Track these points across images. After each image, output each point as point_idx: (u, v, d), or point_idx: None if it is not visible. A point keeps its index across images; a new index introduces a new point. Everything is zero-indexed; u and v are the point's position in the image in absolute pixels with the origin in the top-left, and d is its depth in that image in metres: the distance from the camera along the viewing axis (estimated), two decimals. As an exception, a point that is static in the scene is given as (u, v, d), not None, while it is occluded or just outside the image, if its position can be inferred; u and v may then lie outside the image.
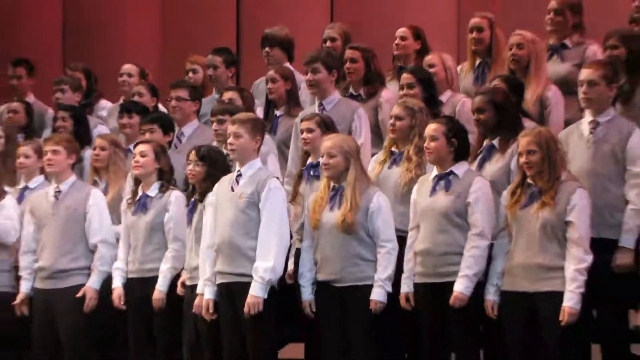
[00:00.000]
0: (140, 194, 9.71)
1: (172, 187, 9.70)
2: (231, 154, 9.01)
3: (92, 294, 9.74)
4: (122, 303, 9.60)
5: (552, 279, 7.92)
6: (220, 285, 8.81)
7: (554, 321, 7.84)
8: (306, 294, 8.81)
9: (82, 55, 14.50)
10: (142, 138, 10.23)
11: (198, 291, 9.03)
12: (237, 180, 8.88)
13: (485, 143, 8.76)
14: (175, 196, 9.49)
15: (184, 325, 9.29)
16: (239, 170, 8.93)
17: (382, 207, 8.61)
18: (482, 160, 8.72)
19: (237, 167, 9.01)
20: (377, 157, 9.27)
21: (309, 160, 9.21)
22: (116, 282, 9.73)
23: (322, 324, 8.81)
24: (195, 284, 9.05)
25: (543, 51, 9.86)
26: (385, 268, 8.54)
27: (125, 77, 12.26)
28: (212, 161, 9.20)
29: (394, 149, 9.06)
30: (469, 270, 8.23)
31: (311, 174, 9.16)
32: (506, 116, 8.63)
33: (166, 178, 9.66)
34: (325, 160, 8.58)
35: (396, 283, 8.72)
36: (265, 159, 9.51)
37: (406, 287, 8.51)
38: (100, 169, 10.42)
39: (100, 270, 9.82)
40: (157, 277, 9.45)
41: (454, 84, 10.15)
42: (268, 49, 11.38)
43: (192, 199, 9.31)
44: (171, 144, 10.52)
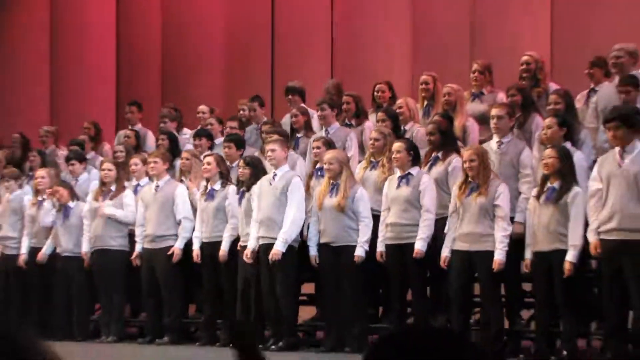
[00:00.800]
0: (209, 188, 10.11)
1: (229, 183, 10.12)
2: (270, 161, 9.61)
3: (178, 252, 10.24)
4: (199, 259, 10.07)
5: (486, 242, 8.48)
6: (262, 245, 9.38)
7: (488, 268, 8.37)
8: (312, 251, 9.40)
9: (174, 96, 14.09)
10: (209, 152, 10.62)
11: (248, 246, 9.47)
12: (274, 178, 9.45)
13: (433, 155, 9.25)
14: (232, 189, 9.96)
15: (239, 273, 9.75)
16: (274, 172, 9.50)
17: (363, 196, 9.20)
18: (431, 166, 9.21)
19: (274, 170, 9.52)
20: (361, 165, 9.80)
21: (317, 165, 9.68)
22: (195, 245, 10.14)
23: (322, 270, 9.38)
24: (246, 245, 9.49)
25: (464, 97, 10.01)
26: (364, 234, 9.19)
27: (200, 114, 12.23)
28: (254, 165, 9.76)
29: (372, 159, 9.59)
30: (423, 234, 8.83)
31: (318, 174, 9.67)
32: (447, 138, 9.12)
33: (225, 177, 10.10)
34: (327, 166, 9.19)
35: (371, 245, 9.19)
36: (295, 163, 9.97)
37: (381, 247, 9.05)
38: (185, 172, 10.71)
39: (183, 236, 10.31)
40: (221, 241, 9.87)
41: (416, 118, 10.19)
42: (290, 96, 11.32)
43: (241, 190, 9.82)
44: (242, 156, 10.52)
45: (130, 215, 10.71)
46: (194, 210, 10.53)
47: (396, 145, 9.09)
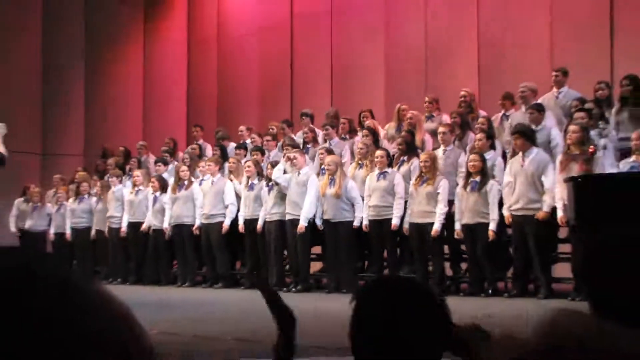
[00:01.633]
0: (249, 182, 10.06)
1: (262, 178, 9.94)
2: (293, 165, 9.57)
3: (226, 226, 10.24)
4: (243, 230, 10.07)
5: (431, 217, 8.55)
6: (289, 220, 9.48)
7: (429, 234, 8.50)
8: (319, 224, 9.41)
9: (223, 119, 13.97)
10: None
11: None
12: (298, 175, 9.47)
13: (401, 158, 9.28)
14: (264, 182, 9.90)
15: (267, 240, 9.78)
16: (299, 171, 9.50)
17: (353, 187, 9.25)
18: (399, 166, 9.21)
19: (298, 170, 9.49)
20: (353, 165, 9.74)
21: (322, 166, 9.58)
22: (240, 221, 10.13)
23: (327, 238, 9.41)
24: (273, 219, 9.65)
25: (422, 119, 9.87)
26: (357, 212, 9.21)
27: (240, 132, 11.88)
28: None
29: (360, 162, 9.57)
30: (397, 213, 8.88)
31: (322, 172, 9.52)
32: (410, 148, 9.21)
33: (260, 174, 10.00)
34: (327, 167, 9.31)
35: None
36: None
37: (366, 222, 9.09)
38: (232, 171, 10.60)
39: (229, 216, 10.26)
40: (258, 219, 9.87)
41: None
42: (303, 119, 11.03)
43: (270, 184, 9.74)
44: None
45: (199, 203, 10.67)
46: (237, 199, 10.39)
47: (378, 153, 9.17)
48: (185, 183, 10.86)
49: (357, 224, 9.25)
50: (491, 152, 8.75)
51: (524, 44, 11.18)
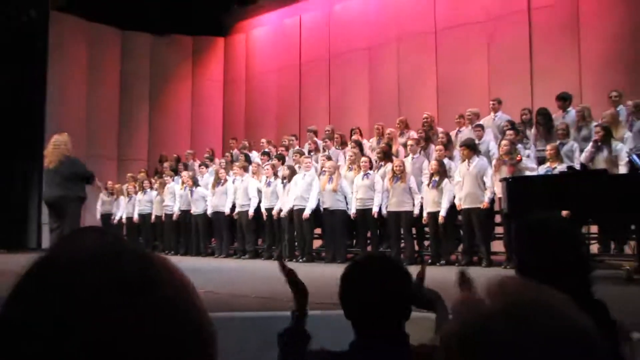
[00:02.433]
0: (268, 181, 9.98)
1: (278, 178, 9.80)
2: (304, 168, 9.54)
3: (251, 213, 10.10)
4: (265, 217, 9.93)
5: (403, 206, 8.49)
6: (296, 209, 9.37)
7: (406, 219, 8.44)
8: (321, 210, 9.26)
9: (251, 132, 13.73)
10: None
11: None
12: (304, 177, 9.41)
13: (380, 163, 9.08)
14: (279, 180, 9.80)
15: (282, 224, 9.65)
16: (305, 173, 9.45)
17: (346, 185, 9.09)
18: (378, 169, 9.05)
19: (305, 172, 9.46)
20: (345, 169, 9.48)
21: (322, 168, 9.41)
22: (262, 209, 9.98)
23: (326, 222, 9.23)
24: (286, 208, 9.51)
25: (396, 135, 9.83)
26: (349, 203, 9.05)
27: (261, 143, 11.69)
28: (292, 170, 9.71)
29: (350, 166, 9.38)
30: (377, 204, 8.75)
31: (323, 173, 9.31)
32: (387, 156, 9.06)
33: (276, 175, 9.91)
34: (327, 169, 9.20)
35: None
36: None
37: (353, 210, 8.94)
38: (255, 173, 10.45)
39: (252, 205, 10.14)
40: (273, 207, 9.72)
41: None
42: (309, 133, 10.94)
43: (284, 181, 9.65)
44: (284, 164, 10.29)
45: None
46: (259, 193, 10.22)
47: (363, 159, 9.08)
48: (222, 181, 10.77)
49: (350, 212, 9.11)
50: (446, 159, 8.64)
51: (469, 80, 11.14)
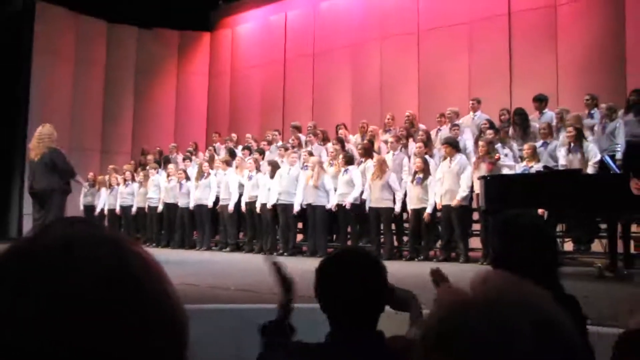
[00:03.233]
0: (251, 175, 9.88)
1: (261, 172, 9.73)
2: (289, 163, 9.47)
3: (231, 207, 10.05)
4: (244, 210, 9.80)
5: (384, 202, 8.38)
6: (281, 204, 9.30)
7: (386, 215, 8.41)
8: (299, 207, 9.19)
9: (235, 127, 13.46)
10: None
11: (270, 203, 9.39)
12: (289, 172, 9.36)
13: (362, 159, 9.02)
14: (261, 174, 9.73)
15: (262, 218, 9.59)
16: (290, 167, 9.39)
17: (328, 180, 8.99)
18: (359, 165, 8.96)
19: (290, 166, 9.39)
20: (326, 164, 9.32)
21: (304, 163, 9.36)
22: (242, 203, 9.86)
23: (308, 217, 9.12)
24: (269, 202, 9.44)
25: (378, 132, 9.77)
26: (330, 198, 8.95)
27: (248, 138, 11.61)
28: (274, 165, 9.59)
29: (331, 161, 9.31)
30: (353, 197, 8.66)
31: (305, 168, 9.25)
32: (369, 152, 9.04)
33: (258, 169, 9.83)
34: (310, 164, 9.15)
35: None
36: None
37: (334, 203, 8.81)
38: (238, 167, 10.39)
39: (233, 200, 10.10)
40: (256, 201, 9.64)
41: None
42: (292, 129, 10.82)
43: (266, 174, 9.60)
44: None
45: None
46: (241, 187, 10.14)
47: (341, 155, 9.06)
48: (205, 174, 10.71)
49: (329, 206, 9.00)
50: (427, 156, 8.62)
51: (450, 80, 11.18)
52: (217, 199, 10.53)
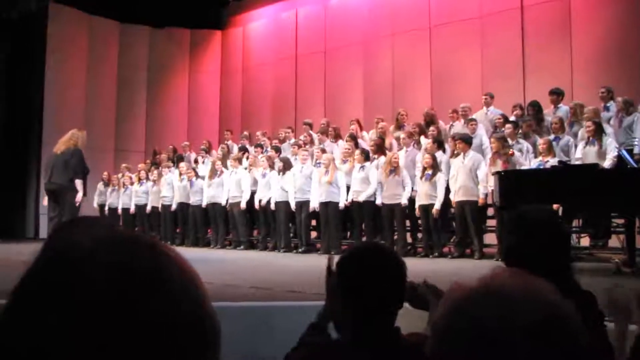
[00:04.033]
0: (265, 172, 9.88)
1: (274, 169, 9.65)
2: (301, 160, 9.55)
3: (243, 204, 10.03)
4: (258, 207, 9.83)
5: (398, 199, 8.44)
6: (298, 201, 9.30)
7: (400, 211, 8.38)
8: (316, 203, 9.14)
9: (247, 125, 13.26)
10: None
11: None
12: (301, 170, 9.38)
13: (373, 156, 8.92)
14: (274, 172, 9.68)
15: (277, 215, 9.62)
16: (302, 165, 9.44)
17: (342, 177, 8.97)
18: (372, 161, 8.88)
19: (302, 164, 9.42)
20: (339, 161, 9.31)
21: (317, 160, 9.41)
22: (255, 201, 9.88)
23: (321, 214, 9.10)
24: (282, 200, 9.50)
25: (389, 129, 9.72)
26: (342, 195, 8.93)
27: (258, 136, 11.50)
28: (286, 161, 9.65)
29: (344, 158, 9.28)
30: (368, 192, 8.67)
31: (319, 166, 9.26)
32: (381, 149, 8.97)
33: (272, 167, 9.82)
34: (323, 161, 9.11)
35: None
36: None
37: (348, 201, 8.83)
38: (251, 164, 10.38)
39: (245, 197, 10.06)
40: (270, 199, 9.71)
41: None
42: (305, 126, 10.93)
43: (280, 173, 9.53)
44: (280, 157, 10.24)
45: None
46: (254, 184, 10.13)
47: (357, 152, 9.04)
48: (218, 172, 10.71)
49: (341, 204, 9.00)
50: (440, 152, 8.59)
51: (462, 75, 11.14)
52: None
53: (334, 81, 13.22)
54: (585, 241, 7.80)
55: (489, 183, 7.66)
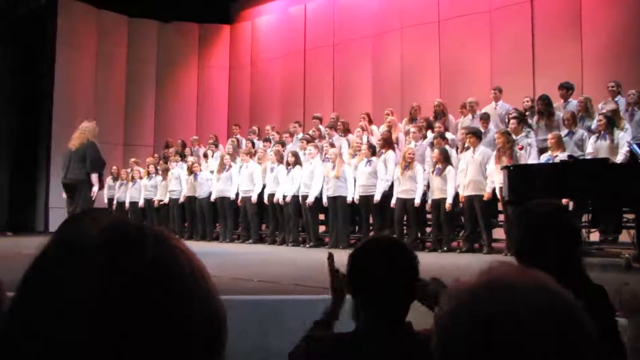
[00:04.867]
0: (273, 167, 9.89)
1: (282, 164, 9.72)
2: (308, 155, 9.51)
3: (255, 198, 10.08)
4: (267, 202, 9.87)
5: (414, 192, 8.37)
6: (303, 196, 9.33)
7: (412, 207, 8.37)
8: (324, 198, 9.15)
9: (255, 119, 13.48)
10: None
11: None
12: (310, 163, 9.41)
13: (380, 150, 8.92)
14: (282, 167, 9.72)
15: (285, 209, 9.58)
16: (311, 160, 9.42)
17: (348, 171, 9.02)
18: (380, 155, 8.85)
19: (311, 159, 9.44)
20: (347, 155, 9.43)
21: (326, 155, 9.37)
22: (265, 195, 9.93)
23: (330, 208, 9.13)
24: (287, 194, 9.50)
25: (397, 123, 9.70)
26: (350, 189, 8.98)
27: (266, 130, 11.50)
28: (296, 156, 9.63)
29: (352, 152, 9.33)
30: (380, 190, 8.68)
31: (327, 160, 9.28)
32: (388, 143, 8.95)
33: (280, 161, 9.80)
34: (330, 156, 9.11)
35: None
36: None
37: (356, 196, 8.88)
38: (260, 158, 10.43)
39: (256, 191, 10.12)
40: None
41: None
42: (314, 121, 10.87)
43: (289, 167, 9.55)
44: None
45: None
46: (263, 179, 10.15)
47: (364, 146, 9.05)
48: (227, 167, 10.73)
49: (349, 198, 9.01)
50: (447, 147, 8.56)
51: (472, 69, 11.08)
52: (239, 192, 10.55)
53: (343, 75, 13.20)
54: (595, 236, 7.77)
55: (495, 178, 7.66)
